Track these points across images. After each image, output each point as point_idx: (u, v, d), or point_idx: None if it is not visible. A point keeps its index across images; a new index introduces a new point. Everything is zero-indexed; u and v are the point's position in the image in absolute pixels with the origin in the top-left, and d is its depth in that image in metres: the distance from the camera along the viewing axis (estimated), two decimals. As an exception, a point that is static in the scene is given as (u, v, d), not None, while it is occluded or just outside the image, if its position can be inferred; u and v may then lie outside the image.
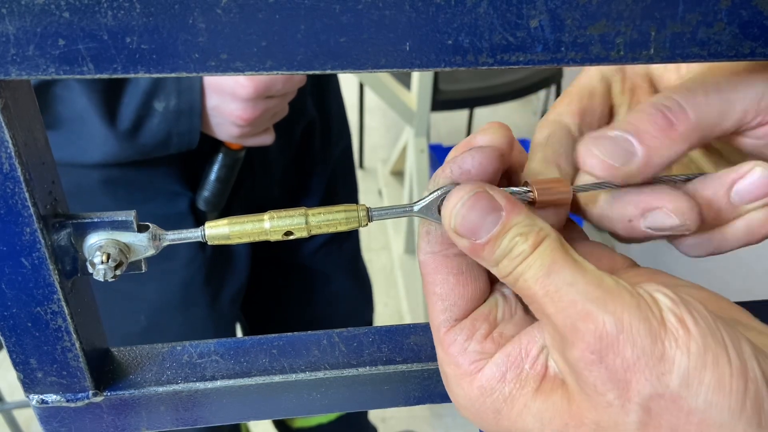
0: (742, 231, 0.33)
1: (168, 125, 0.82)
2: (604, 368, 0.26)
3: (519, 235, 0.29)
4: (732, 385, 0.26)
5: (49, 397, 0.37)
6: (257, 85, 0.79)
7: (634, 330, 0.26)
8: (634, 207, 0.32)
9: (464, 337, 0.32)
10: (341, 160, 1.18)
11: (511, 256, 0.29)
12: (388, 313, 2.29)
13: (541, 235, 0.29)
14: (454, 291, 0.32)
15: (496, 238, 0.29)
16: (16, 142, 0.28)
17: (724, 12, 0.26)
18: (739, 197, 0.32)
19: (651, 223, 0.32)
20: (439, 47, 0.26)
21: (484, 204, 0.30)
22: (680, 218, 0.32)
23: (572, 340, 0.27)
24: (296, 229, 0.33)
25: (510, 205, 0.30)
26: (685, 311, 0.27)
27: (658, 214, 0.32)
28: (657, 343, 0.26)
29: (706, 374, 0.26)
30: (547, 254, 0.29)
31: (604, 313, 0.27)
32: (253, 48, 0.25)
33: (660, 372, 0.26)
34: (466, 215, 0.30)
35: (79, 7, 0.24)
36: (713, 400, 0.25)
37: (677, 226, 0.32)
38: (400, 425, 1.95)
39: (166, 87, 0.80)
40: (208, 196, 0.93)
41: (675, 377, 0.26)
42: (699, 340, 0.26)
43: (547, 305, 0.28)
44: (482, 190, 0.30)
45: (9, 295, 0.32)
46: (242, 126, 0.84)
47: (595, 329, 0.27)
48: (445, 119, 3.09)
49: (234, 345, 0.41)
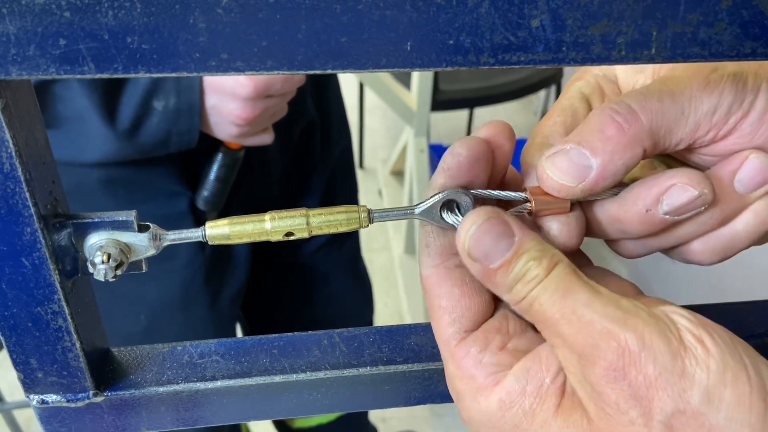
0: (751, 221, 0.33)
1: (167, 124, 0.82)
2: (627, 385, 0.26)
3: (532, 260, 0.29)
4: (752, 402, 0.26)
5: (49, 397, 0.37)
6: (257, 84, 0.79)
7: (655, 347, 0.26)
8: (648, 194, 0.32)
9: (478, 349, 0.31)
10: (341, 160, 1.18)
11: (525, 280, 0.29)
12: (388, 313, 2.29)
13: (554, 260, 0.29)
14: (460, 302, 0.32)
15: (509, 262, 0.29)
16: (16, 142, 0.28)
17: (725, 12, 0.26)
18: (743, 186, 0.33)
19: (669, 204, 0.31)
20: (440, 47, 0.26)
21: (498, 230, 0.30)
22: (697, 187, 0.31)
23: (593, 359, 0.27)
24: (297, 229, 0.33)
25: (522, 231, 0.30)
26: (704, 331, 0.27)
27: (674, 191, 0.31)
28: (677, 361, 0.26)
29: (726, 391, 0.26)
30: (561, 278, 0.29)
31: (625, 330, 0.27)
32: (253, 48, 0.25)
33: (681, 388, 0.26)
34: (480, 239, 0.30)
35: (80, 7, 0.24)
36: (735, 416, 0.25)
37: (695, 197, 0.31)
38: (400, 425, 1.95)
39: (166, 86, 0.80)
40: (208, 195, 0.93)
41: (696, 394, 0.26)
42: (718, 358, 0.26)
43: (564, 327, 0.28)
44: (496, 216, 0.30)
45: (9, 295, 0.32)
46: (241, 125, 0.83)
47: (618, 346, 0.27)
48: (445, 119, 3.08)
49: (234, 345, 0.40)
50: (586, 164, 0.31)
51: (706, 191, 0.31)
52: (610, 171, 0.31)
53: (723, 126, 0.32)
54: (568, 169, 0.31)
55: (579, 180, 0.31)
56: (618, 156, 0.31)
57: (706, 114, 0.31)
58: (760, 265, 1.66)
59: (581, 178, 0.31)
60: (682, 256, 0.35)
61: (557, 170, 0.31)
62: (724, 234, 0.34)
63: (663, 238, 0.34)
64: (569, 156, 0.31)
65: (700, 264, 0.35)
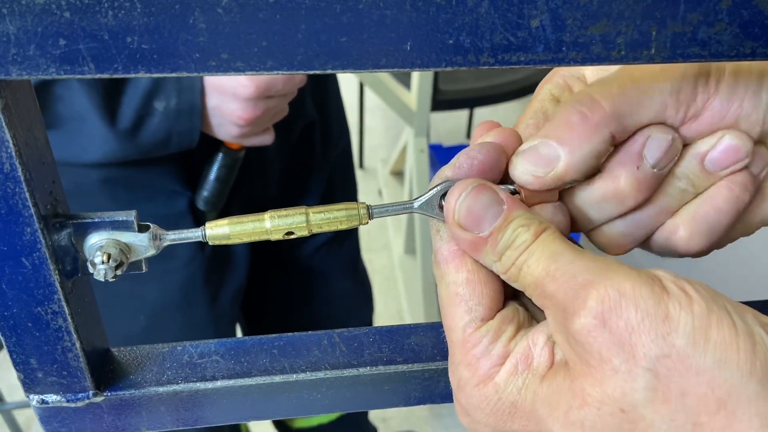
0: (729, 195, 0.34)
1: (168, 125, 0.82)
2: (608, 332, 0.26)
3: (521, 227, 0.30)
4: (739, 344, 0.25)
5: (49, 397, 0.37)
6: (258, 85, 0.79)
7: (637, 293, 0.26)
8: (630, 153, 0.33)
9: (490, 339, 0.31)
10: (340, 161, 1.18)
11: (515, 246, 0.30)
12: (388, 313, 2.29)
13: (542, 226, 0.30)
14: (477, 290, 0.32)
15: (499, 229, 0.30)
16: (16, 142, 0.28)
17: (724, 12, 0.26)
18: (712, 165, 0.33)
19: (652, 156, 0.32)
20: (440, 47, 0.26)
21: (487, 196, 0.31)
22: (669, 132, 0.32)
23: (574, 310, 0.27)
24: (297, 228, 0.33)
25: (510, 198, 0.31)
26: (686, 283, 0.27)
27: (651, 143, 0.32)
28: (660, 306, 0.26)
29: (712, 332, 0.25)
30: (549, 242, 0.30)
31: (605, 279, 0.27)
32: (253, 48, 0.25)
33: (665, 332, 0.26)
34: (470, 206, 0.31)
35: (80, 7, 0.24)
36: (722, 358, 0.25)
37: (670, 142, 0.32)
38: (400, 425, 1.95)
39: (167, 86, 0.80)
40: (208, 195, 0.93)
41: (681, 336, 0.25)
42: (702, 302, 0.26)
43: (549, 284, 0.28)
44: (484, 183, 0.31)
45: (9, 295, 0.32)
46: (242, 126, 0.83)
47: (597, 294, 0.27)
48: (445, 119, 3.08)
49: (234, 345, 0.40)
50: (554, 155, 0.32)
51: (676, 135, 0.33)
52: (577, 157, 0.32)
53: (692, 104, 0.32)
54: (536, 161, 0.32)
55: (548, 169, 0.32)
56: (584, 142, 0.32)
57: (670, 93, 0.32)
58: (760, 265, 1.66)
59: (551, 167, 0.32)
60: (671, 245, 0.35)
61: (527, 163, 0.33)
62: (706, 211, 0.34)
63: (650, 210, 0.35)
64: (537, 149, 0.32)
65: (689, 253, 0.35)
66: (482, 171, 0.33)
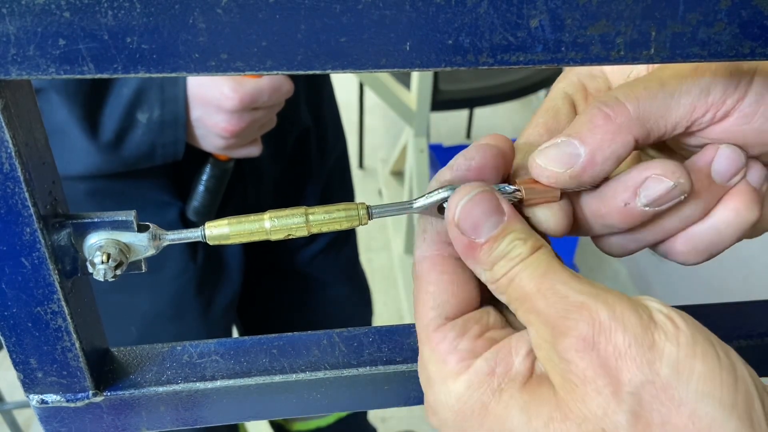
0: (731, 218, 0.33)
1: (152, 136, 0.81)
2: (595, 355, 0.27)
3: (518, 239, 0.30)
4: (722, 377, 0.25)
5: (49, 397, 0.37)
6: (242, 96, 0.78)
7: (626, 319, 0.27)
8: (624, 188, 0.32)
9: (455, 335, 0.31)
10: (336, 167, 1.17)
11: (509, 257, 0.30)
12: (388, 313, 2.29)
13: (538, 244, 0.30)
14: (447, 289, 0.32)
15: (495, 239, 0.30)
16: (16, 142, 0.28)
17: (724, 12, 0.26)
18: (720, 176, 0.33)
19: (647, 197, 0.32)
20: (440, 47, 0.26)
21: (489, 204, 0.31)
22: (672, 177, 0.31)
23: (564, 329, 0.27)
24: (297, 228, 0.33)
25: (511, 210, 0.31)
26: (674, 312, 0.27)
27: (650, 183, 0.32)
28: (647, 334, 0.26)
29: (696, 364, 0.26)
30: (543, 260, 0.30)
31: (597, 303, 0.27)
32: (253, 48, 0.25)
33: (650, 359, 0.26)
34: (470, 210, 0.31)
35: (80, 7, 0.24)
36: (704, 390, 0.25)
37: (671, 188, 0.31)
38: (400, 425, 1.95)
39: (149, 98, 0.79)
40: (198, 206, 0.92)
41: (665, 365, 0.26)
42: (688, 333, 0.26)
43: (539, 301, 0.29)
44: (489, 190, 0.31)
45: (9, 294, 0.32)
46: (227, 138, 0.82)
47: (589, 317, 0.27)
48: (445, 119, 3.08)
49: (234, 345, 0.41)
50: (576, 153, 0.32)
51: (681, 180, 0.31)
52: (598, 158, 0.31)
53: (721, 106, 0.32)
54: (557, 157, 0.32)
55: (568, 166, 0.32)
56: (606, 144, 0.31)
57: (700, 95, 0.32)
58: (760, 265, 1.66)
59: (570, 164, 0.32)
60: (668, 255, 0.35)
61: (547, 159, 0.32)
62: (706, 232, 0.34)
63: (648, 232, 0.35)
64: (559, 146, 0.32)
65: (686, 263, 0.35)
66: (480, 172, 0.33)
